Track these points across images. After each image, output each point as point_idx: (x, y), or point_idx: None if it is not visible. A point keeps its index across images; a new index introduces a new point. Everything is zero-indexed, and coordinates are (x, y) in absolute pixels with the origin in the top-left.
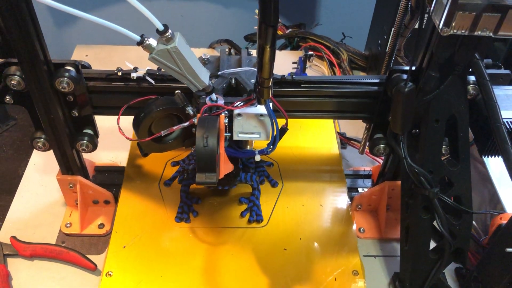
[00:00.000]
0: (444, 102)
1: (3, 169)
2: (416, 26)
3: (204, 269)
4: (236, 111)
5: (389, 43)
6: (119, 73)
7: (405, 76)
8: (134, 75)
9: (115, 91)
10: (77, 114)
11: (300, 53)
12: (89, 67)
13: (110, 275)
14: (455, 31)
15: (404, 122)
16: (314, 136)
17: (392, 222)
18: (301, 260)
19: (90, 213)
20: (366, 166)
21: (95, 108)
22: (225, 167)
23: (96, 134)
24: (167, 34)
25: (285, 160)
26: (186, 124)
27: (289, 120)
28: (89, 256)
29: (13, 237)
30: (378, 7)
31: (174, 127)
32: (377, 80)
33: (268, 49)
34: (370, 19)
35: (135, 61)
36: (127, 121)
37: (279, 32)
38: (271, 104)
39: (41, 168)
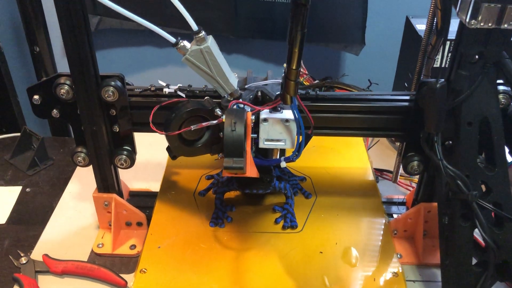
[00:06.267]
0: (476, 104)
1: (38, 202)
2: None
3: (238, 269)
4: (262, 116)
5: (417, 63)
6: (152, 88)
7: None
8: (166, 90)
9: (152, 107)
10: (117, 130)
11: None
12: (131, 85)
13: (144, 271)
14: (482, 24)
15: (438, 120)
16: (346, 157)
17: (430, 249)
18: (337, 263)
19: (123, 235)
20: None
21: (135, 125)
22: (251, 169)
23: (134, 151)
24: (201, 34)
25: (318, 176)
26: (215, 122)
27: (320, 140)
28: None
29: (46, 255)
30: (403, 51)
31: (204, 123)
32: (407, 97)
33: (299, 32)
34: (396, 64)
35: None
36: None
37: (306, 83)
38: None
39: (76, 196)
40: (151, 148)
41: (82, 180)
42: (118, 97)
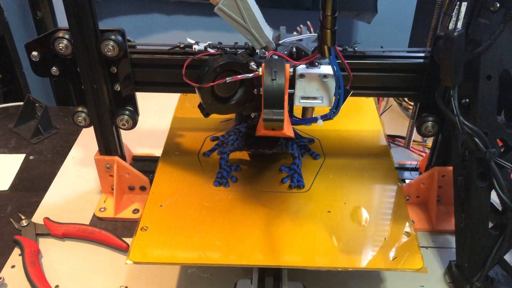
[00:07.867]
0: (496, 56)
1: (41, 170)
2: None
3: (242, 228)
4: (299, 71)
5: (433, 19)
6: (181, 45)
7: None
8: (195, 47)
9: (163, 65)
10: (119, 89)
11: None
12: (133, 42)
13: (145, 229)
14: None
15: (456, 72)
16: (357, 120)
17: (444, 216)
18: (346, 222)
19: (126, 200)
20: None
21: (137, 84)
22: (288, 127)
23: (136, 112)
24: None
25: (327, 138)
26: (250, 75)
27: None
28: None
29: (46, 218)
30: (418, 16)
31: (239, 76)
32: (422, 54)
33: None
34: (409, 32)
35: None
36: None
37: None
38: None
39: (79, 162)
40: (156, 116)
41: (85, 146)
42: (119, 52)
